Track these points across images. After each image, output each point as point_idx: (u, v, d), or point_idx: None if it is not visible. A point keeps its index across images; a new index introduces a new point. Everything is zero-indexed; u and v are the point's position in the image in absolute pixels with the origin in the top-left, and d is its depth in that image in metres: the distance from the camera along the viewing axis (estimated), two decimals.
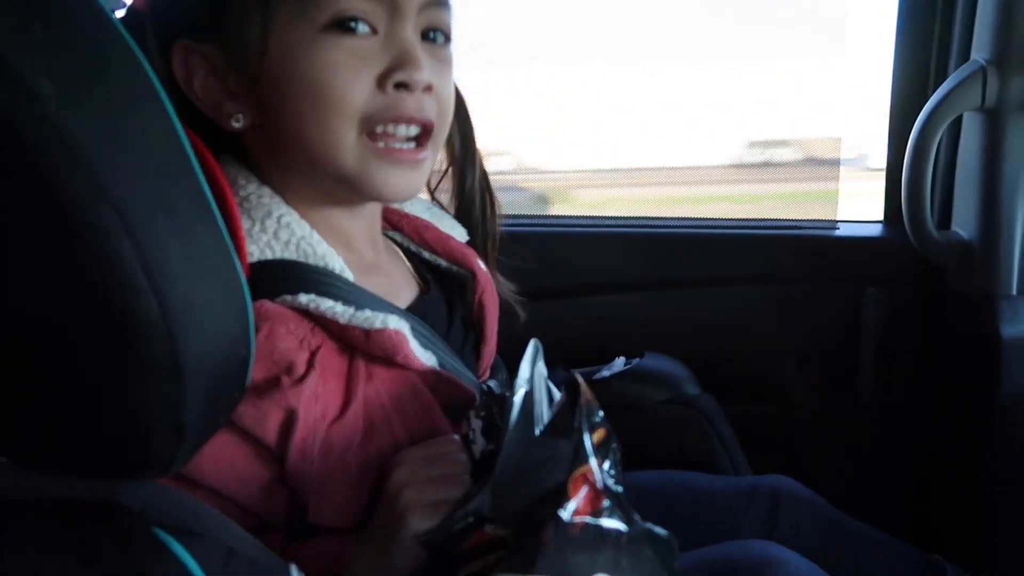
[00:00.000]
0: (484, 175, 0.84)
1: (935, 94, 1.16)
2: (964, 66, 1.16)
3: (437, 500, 0.57)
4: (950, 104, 1.16)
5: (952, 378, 1.30)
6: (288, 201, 0.66)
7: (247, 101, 0.63)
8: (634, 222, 1.39)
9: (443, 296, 0.79)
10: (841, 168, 1.40)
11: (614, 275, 1.32)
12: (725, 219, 1.39)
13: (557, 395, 0.64)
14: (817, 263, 1.32)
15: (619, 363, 1.15)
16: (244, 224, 0.63)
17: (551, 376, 1.18)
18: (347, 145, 0.63)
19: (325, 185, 0.67)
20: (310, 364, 0.59)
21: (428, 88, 0.64)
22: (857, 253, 1.32)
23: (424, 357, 0.65)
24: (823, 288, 1.33)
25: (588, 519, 0.53)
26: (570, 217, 1.42)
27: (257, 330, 0.57)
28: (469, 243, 0.83)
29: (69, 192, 0.39)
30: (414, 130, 0.65)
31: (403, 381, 0.64)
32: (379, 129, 0.63)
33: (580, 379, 0.64)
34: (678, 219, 1.40)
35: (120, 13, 0.66)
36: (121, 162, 0.41)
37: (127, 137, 0.42)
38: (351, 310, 0.61)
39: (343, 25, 0.61)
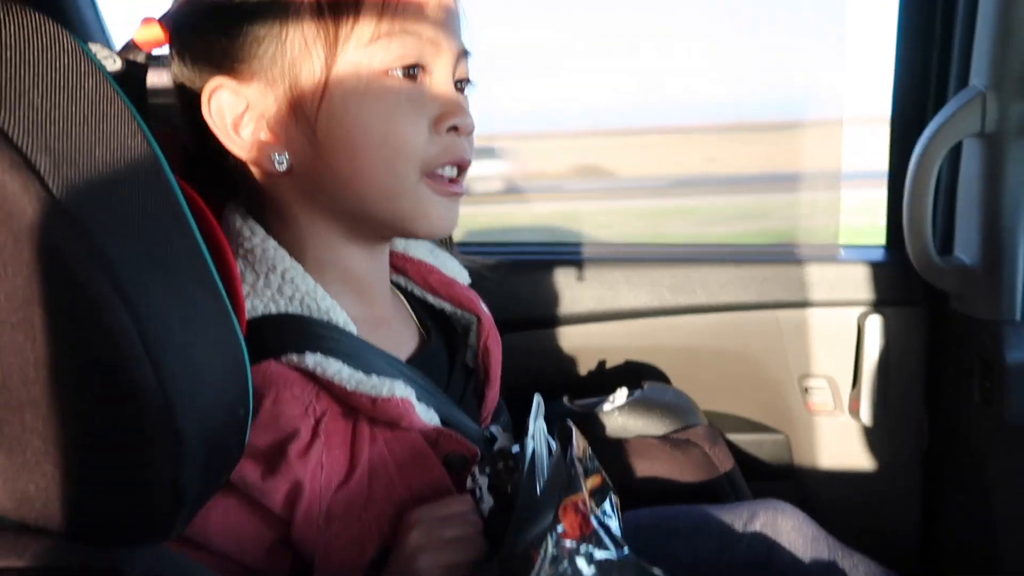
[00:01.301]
0: None
1: (934, 120, 1.16)
2: (963, 92, 1.16)
3: (453, 563, 0.57)
4: (950, 130, 1.16)
5: (956, 403, 1.30)
6: (308, 247, 0.67)
7: (294, 143, 0.63)
8: (633, 248, 1.38)
9: (444, 343, 0.79)
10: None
11: (613, 302, 1.32)
12: (726, 244, 1.39)
13: (555, 447, 0.65)
14: (819, 288, 1.32)
15: (621, 395, 1.15)
16: (247, 278, 0.63)
17: (553, 409, 1.19)
18: (408, 188, 0.64)
19: (363, 227, 0.68)
20: (315, 432, 0.58)
21: (471, 131, 0.68)
22: (859, 278, 1.31)
23: (427, 417, 0.65)
24: (825, 313, 1.32)
25: (576, 543, 0.54)
26: (566, 245, 1.42)
27: (263, 395, 0.57)
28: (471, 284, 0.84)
29: (70, 262, 0.39)
30: (456, 171, 0.68)
31: (406, 441, 0.63)
32: (438, 172, 0.65)
33: (572, 427, 0.65)
34: (678, 245, 1.40)
35: (147, 38, 0.65)
36: (115, 227, 0.41)
37: (121, 200, 0.42)
38: (358, 375, 0.61)
39: (406, 71, 0.62)
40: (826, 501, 1.39)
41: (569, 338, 1.33)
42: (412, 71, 0.63)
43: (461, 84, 0.69)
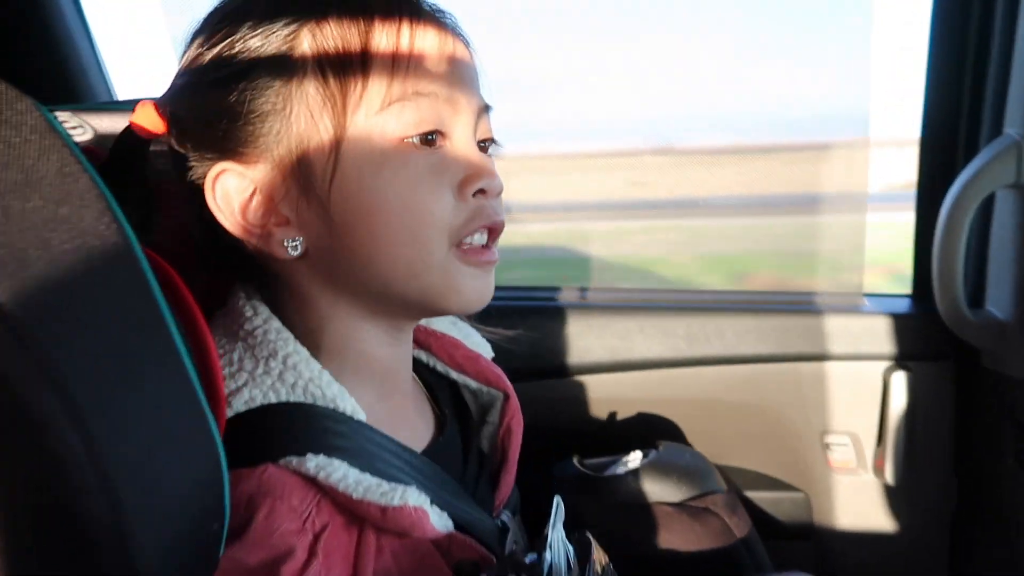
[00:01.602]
0: None
1: (967, 169, 1.11)
2: (996, 140, 1.10)
3: None
4: (982, 180, 1.10)
5: (986, 464, 1.23)
6: (327, 332, 0.62)
7: (307, 225, 0.58)
8: (648, 296, 1.33)
9: (459, 427, 0.73)
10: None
11: (625, 352, 1.26)
12: (744, 292, 1.33)
13: (572, 554, 0.59)
14: (841, 340, 1.25)
15: (635, 457, 1.08)
16: (246, 365, 0.58)
17: (565, 471, 1.12)
18: (437, 261, 0.59)
19: (389, 308, 0.63)
20: (312, 551, 0.52)
21: (500, 192, 0.63)
22: (884, 330, 1.25)
23: (440, 523, 0.59)
24: (848, 367, 1.26)
25: None
26: (576, 289, 1.36)
27: (257, 506, 0.51)
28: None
29: (13, 380, 0.33)
30: (485, 236, 0.63)
31: (416, 551, 0.58)
32: (467, 241, 0.61)
33: (591, 540, 0.60)
34: (694, 292, 1.34)
35: (144, 125, 0.60)
36: (71, 335, 0.35)
37: (81, 301, 0.36)
38: (366, 479, 0.55)
39: (424, 137, 0.58)
40: (847, 564, 1.32)
41: (579, 389, 1.27)
42: (430, 137, 0.58)
43: (484, 144, 0.65)
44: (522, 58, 1.38)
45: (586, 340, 1.26)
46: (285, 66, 0.56)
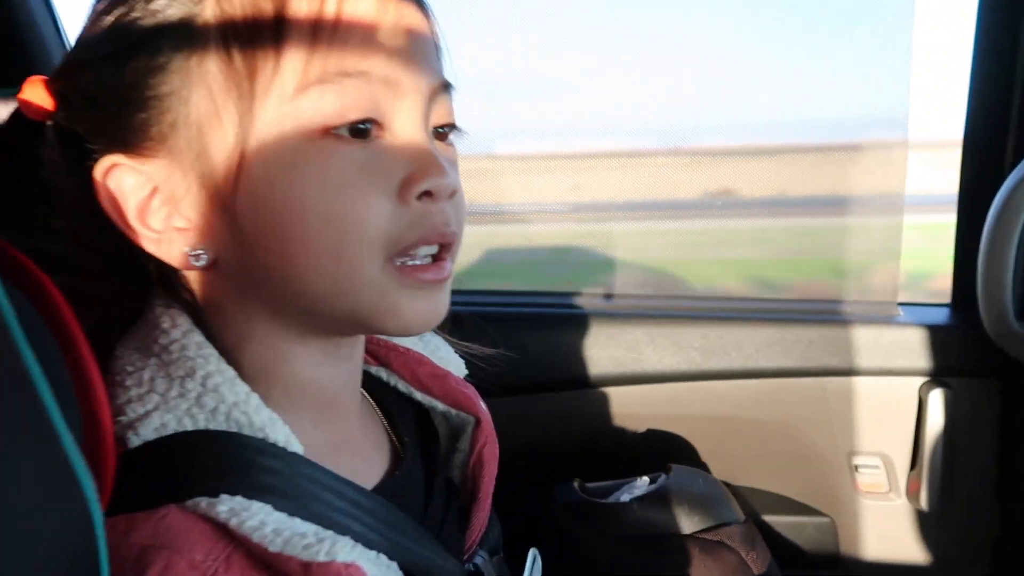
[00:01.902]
0: None
1: (1019, 168, 0.99)
2: None
3: None
4: None
5: None
6: (247, 352, 0.52)
7: (214, 233, 0.49)
8: (659, 304, 1.22)
9: (422, 454, 0.63)
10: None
11: (634, 365, 1.16)
12: (766, 300, 1.23)
13: None
14: (873, 354, 1.15)
15: (642, 484, 0.98)
16: (158, 386, 0.48)
17: (565, 496, 1.03)
18: (368, 279, 0.49)
19: (319, 327, 0.53)
20: None
21: (453, 194, 0.51)
22: (920, 343, 1.14)
23: None
24: (880, 382, 1.15)
25: None
26: (581, 295, 1.26)
27: (148, 564, 0.42)
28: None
29: None
30: (433, 249, 0.51)
31: None
32: (410, 253, 0.50)
33: None
34: (710, 299, 1.24)
35: (32, 104, 0.51)
36: None
37: None
38: (290, 525, 0.45)
39: (355, 128, 0.47)
40: None
41: (583, 404, 1.17)
42: (363, 127, 0.48)
43: (443, 130, 0.54)
44: (539, 56, 1.30)
45: (591, 351, 1.16)
46: (185, 37, 0.46)
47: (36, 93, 0.50)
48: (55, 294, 0.38)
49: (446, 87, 0.53)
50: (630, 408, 1.18)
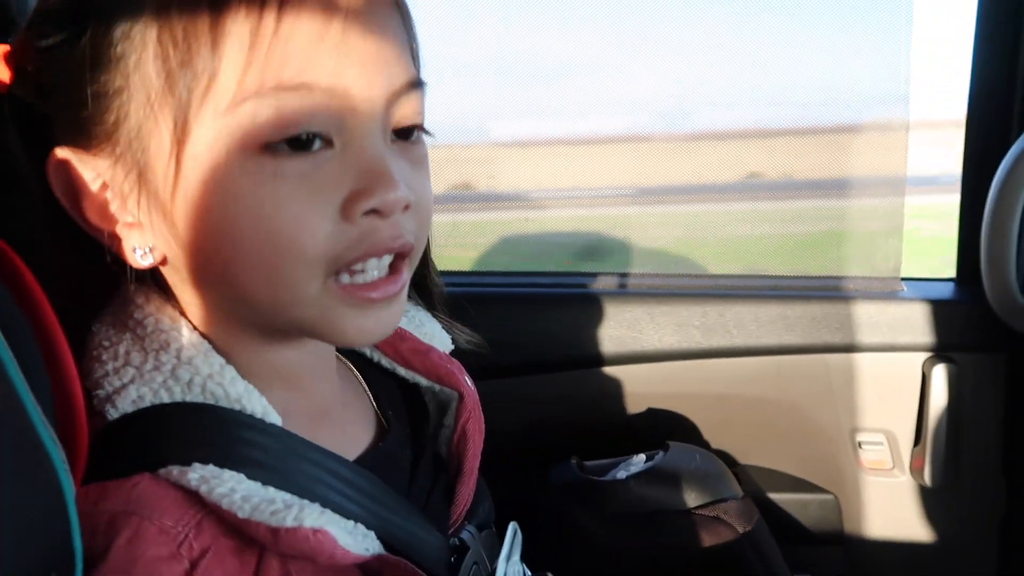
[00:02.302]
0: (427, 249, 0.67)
1: (1020, 141, 0.98)
2: None
3: None
4: None
5: None
6: (210, 334, 0.52)
7: (156, 232, 0.48)
8: (659, 282, 1.22)
9: (409, 428, 0.64)
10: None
11: (634, 344, 1.15)
12: (768, 277, 1.21)
13: None
14: (876, 330, 1.13)
15: (639, 460, 0.98)
16: (133, 359, 0.49)
17: (562, 475, 1.03)
18: (307, 296, 0.48)
19: (267, 331, 0.53)
20: None
21: (406, 208, 0.49)
22: (924, 318, 1.13)
23: (360, 545, 0.49)
24: (883, 358, 1.14)
25: None
26: (580, 275, 1.25)
27: (118, 530, 0.43)
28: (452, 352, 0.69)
29: None
30: (387, 259, 0.50)
31: None
32: (344, 280, 0.48)
33: None
34: (711, 277, 1.23)
35: None
36: None
37: None
38: (261, 493, 0.46)
39: (294, 141, 0.45)
40: (880, 573, 1.21)
41: (583, 383, 1.17)
42: (304, 138, 0.45)
43: (408, 133, 0.51)
44: (532, 38, 1.29)
45: (591, 330, 1.16)
46: (128, 34, 0.45)
47: None
48: (24, 272, 0.38)
49: (413, 85, 0.50)
50: (631, 387, 1.17)
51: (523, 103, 1.30)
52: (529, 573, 0.58)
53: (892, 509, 1.19)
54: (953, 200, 1.17)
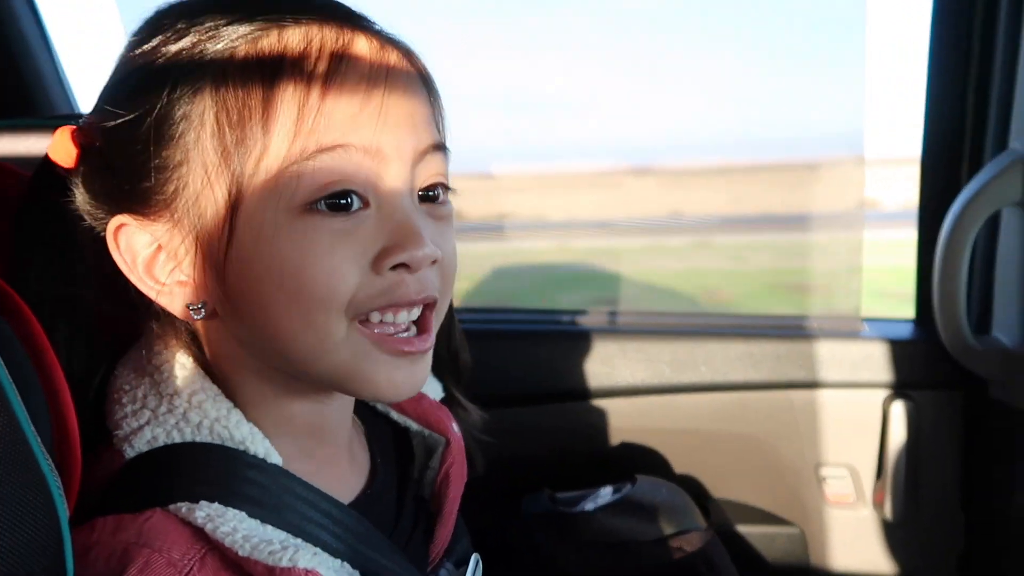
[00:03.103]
0: (452, 313, 0.73)
1: (969, 185, 1.04)
2: (1001, 156, 1.03)
3: None
4: (986, 198, 1.03)
5: (995, 503, 1.15)
6: (239, 391, 0.56)
7: (208, 289, 0.53)
8: (630, 320, 1.26)
9: (396, 471, 0.68)
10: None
11: (607, 379, 1.19)
12: (735, 316, 1.26)
13: None
14: (838, 367, 1.18)
15: (606, 493, 1.02)
16: (150, 403, 0.53)
17: (533, 506, 1.06)
18: (335, 340, 0.52)
19: (301, 388, 0.57)
20: None
21: (433, 262, 0.54)
22: (884, 357, 1.18)
23: None
24: (845, 395, 1.19)
25: None
26: (560, 312, 1.30)
27: (130, 560, 0.46)
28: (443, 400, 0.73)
29: None
30: (416, 312, 0.55)
31: None
32: (374, 318, 0.53)
33: None
34: (680, 315, 1.28)
35: (58, 155, 0.55)
36: None
37: None
38: (260, 532, 0.50)
39: (333, 203, 0.50)
40: None
41: (557, 417, 1.21)
42: (344, 201, 0.50)
43: (433, 192, 0.56)
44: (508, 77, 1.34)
45: (565, 365, 1.20)
46: (188, 113, 0.50)
47: (63, 145, 0.54)
48: (28, 314, 0.42)
49: (437, 148, 0.55)
50: (604, 421, 1.21)
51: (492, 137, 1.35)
52: None
53: (856, 542, 1.23)
54: None
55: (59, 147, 0.55)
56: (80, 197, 0.55)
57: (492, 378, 1.20)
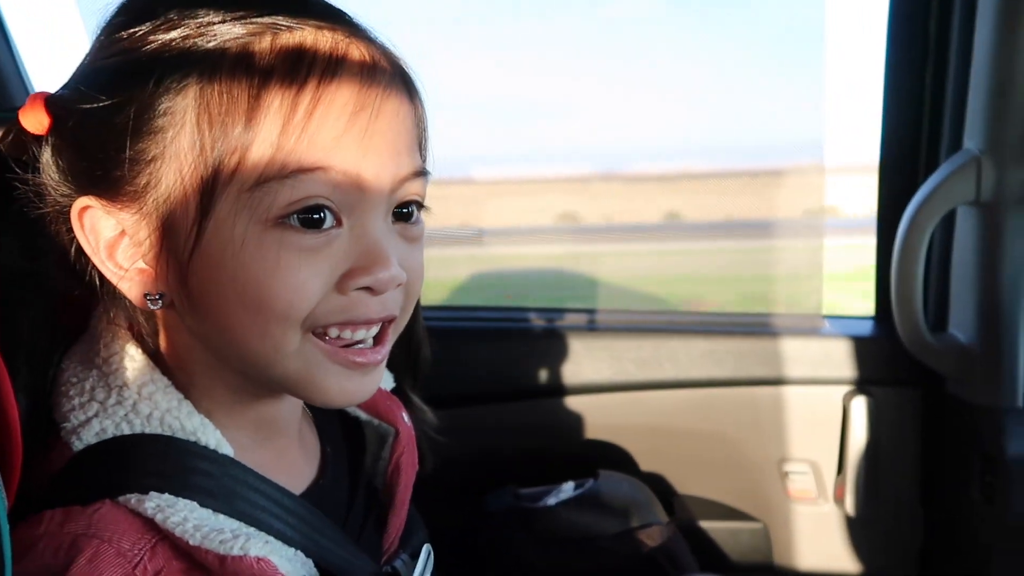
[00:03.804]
0: (418, 308, 0.72)
1: (925, 185, 1.06)
2: (956, 155, 1.05)
3: None
4: (942, 197, 1.05)
5: (954, 497, 1.17)
6: (193, 382, 0.56)
7: (168, 283, 0.52)
8: (598, 318, 1.27)
9: (348, 461, 0.68)
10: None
11: (572, 376, 1.20)
12: (698, 314, 1.28)
13: None
14: (800, 364, 1.20)
15: (568, 488, 1.02)
16: (98, 395, 0.53)
17: (496, 503, 1.06)
18: (288, 351, 0.52)
19: (254, 386, 0.57)
20: None
21: (398, 285, 0.54)
22: (845, 354, 1.19)
23: (299, 572, 0.53)
24: (807, 392, 1.20)
25: None
26: (525, 310, 1.30)
27: (80, 550, 0.46)
28: (394, 390, 0.73)
29: None
30: (375, 330, 0.55)
31: None
32: (332, 332, 0.53)
33: None
34: (644, 313, 1.29)
35: (30, 124, 0.53)
36: None
37: None
38: (211, 521, 0.50)
39: (303, 218, 0.49)
40: None
41: (523, 414, 1.21)
42: (317, 216, 0.49)
43: (407, 210, 0.55)
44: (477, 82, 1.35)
45: (530, 363, 1.20)
46: (169, 108, 0.49)
47: (36, 115, 0.53)
48: None
49: (419, 174, 0.55)
50: (570, 418, 1.22)
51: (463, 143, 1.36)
52: None
53: (818, 538, 1.24)
54: None
55: (31, 113, 0.53)
56: (47, 170, 0.53)
57: (458, 376, 1.20)
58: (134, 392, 0.53)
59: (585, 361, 1.20)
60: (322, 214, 0.49)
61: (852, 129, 1.29)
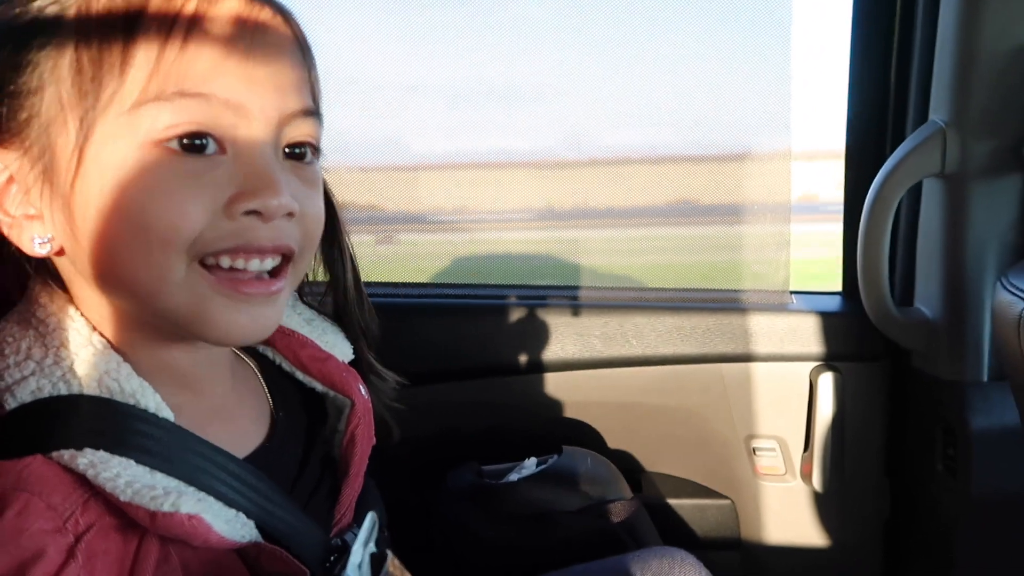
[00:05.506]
0: (356, 272, 0.73)
1: (891, 157, 1.05)
2: (922, 128, 1.05)
3: None
4: (907, 169, 1.04)
5: (918, 471, 1.17)
6: (107, 332, 0.55)
7: (55, 223, 0.52)
8: (560, 293, 1.26)
9: (304, 430, 0.67)
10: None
11: (537, 353, 1.19)
12: (665, 290, 1.26)
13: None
14: (767, 340, 1.19)
15: (530, 464, 1.01)
16: (35, 354, 0.52)
17: (458, 480, 1.05)
18: (174, 281, 0.51)
19: (155, 325, 0.56)
20: (71, 553, 0.46)
21: (289, 215, 0.53)
22: (811, 329, 1.19)
23: (235, 533, 0.52)
24: (774, 368, 1.20)
25: None
26: (490, 287, 1.29)
27: (8, 503, 0.45)
28: (354, 363, 0.72)
29: None
30: (269, 263, 0.54)
31: (211, 560, 0.52)
32: (224, 263, 0.52)
33: (390, 556, 0.53)
34: (610, 290, 1.27)
35: None
36: None
37: None
38: (144, 479, 0.49)
39: (186, 143, 0.50)
40: (778, 574, 1.26)
41: (488, 392, 1.20)
42: (198, 142, 0.50)
43: (299, 150, 0.56)
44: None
45: (495, 339, 1.19)
46: (48, 40, 0.49)
47: None
48: None
49: (307, 113, 0.55)
50: (535, 395, 1.21)
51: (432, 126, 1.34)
52: (391, 556, 0.61)
53: (786, 514, 1.24)
54: None
55: None
56: None
57: (421, 353, 1.19)
58: (72, 352, 0.52)
59: (551, 337, 1.19)
60: (205, 140, 0.50)
61: (820, 115, 1.29)
